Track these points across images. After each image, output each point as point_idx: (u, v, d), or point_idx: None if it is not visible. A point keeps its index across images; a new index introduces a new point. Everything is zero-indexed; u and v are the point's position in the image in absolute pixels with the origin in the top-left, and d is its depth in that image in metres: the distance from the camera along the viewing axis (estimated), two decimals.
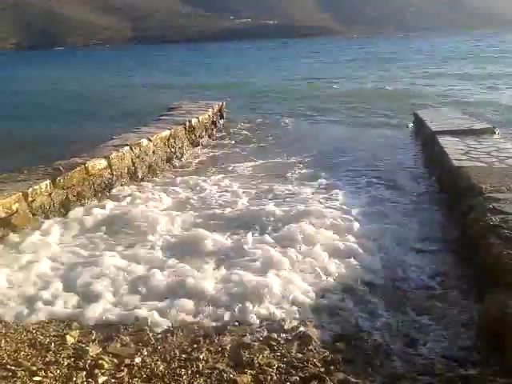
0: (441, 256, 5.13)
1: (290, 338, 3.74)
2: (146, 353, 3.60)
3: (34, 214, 6.14)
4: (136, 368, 3.41)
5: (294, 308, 4.09)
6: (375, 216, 6.19)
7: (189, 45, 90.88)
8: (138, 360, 3.50)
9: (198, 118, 11.34)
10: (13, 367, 3.42)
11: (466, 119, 10.33)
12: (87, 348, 3.65)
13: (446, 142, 8.09)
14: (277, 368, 3.36)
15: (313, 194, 7.26)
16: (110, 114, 15.82)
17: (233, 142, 11.65)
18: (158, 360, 3.50)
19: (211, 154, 10.50)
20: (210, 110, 12.53)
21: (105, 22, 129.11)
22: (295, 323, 3.91)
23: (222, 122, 13.35)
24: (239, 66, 38.66)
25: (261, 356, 3.49)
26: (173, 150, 9.78)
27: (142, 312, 4.08)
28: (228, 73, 31.98)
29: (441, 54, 41.54)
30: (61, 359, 3.52)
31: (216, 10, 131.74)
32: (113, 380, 3.30)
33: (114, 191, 7.52)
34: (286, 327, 3.86)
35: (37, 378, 3.31)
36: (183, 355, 3.55)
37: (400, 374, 3.28)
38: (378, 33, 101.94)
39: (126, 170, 8.06)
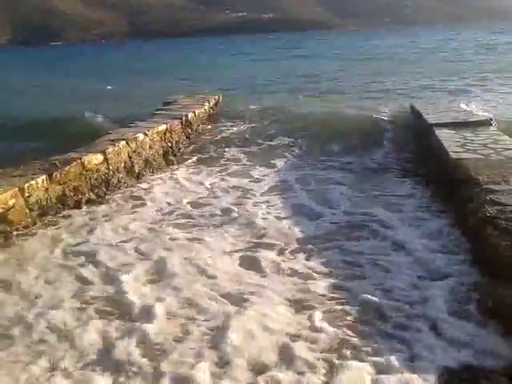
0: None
1: None
2: None
3: (30, 210, 6.13)
4: None
5: None
6: None
7: (181, 39, 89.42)
8: None
9: (194, 112, 11.31)
10: None
11: (463, 111, 10.34)
12: None
13: (442, 134, 8.09)
14: None
15: None
16: None
17: None
18: None
19: None
20: (207, 103, 12.50)
21: (100, 16, 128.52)
22: None
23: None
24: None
25: None
26: (169, 144, 9.75)
27: None
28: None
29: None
30: None
31: (212, 4, 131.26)
32: None
33: None
34: None
35: None
36: None
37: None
38: (374, 26, 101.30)
39: (122, 165, 8.03)
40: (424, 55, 30.82)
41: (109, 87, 20.07)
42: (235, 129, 11.36)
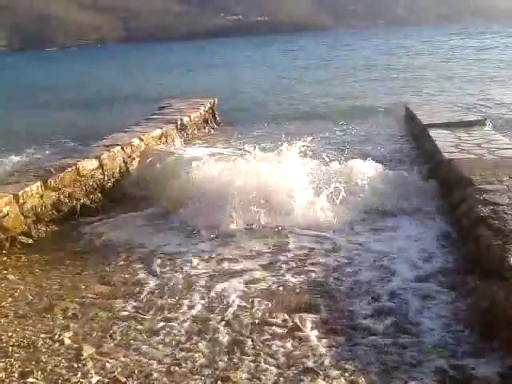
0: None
1: None
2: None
3: (25, 217, 6.11)
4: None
5: None
6: None
7: (175, 43, 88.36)
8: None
9: (189, 116, 11.32)
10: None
11: (457, 112, 10.38)
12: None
13: (436, 134, 8.12)
14: None
15: None
16: None
17: None
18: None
19: None
20: (202, 107, 12.50)
21: (96, 21, 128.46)
22: None
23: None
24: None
25: None
26: None
27: None
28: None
29: None
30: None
31: (207, 7, 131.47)
32: (106, 380, 3.31)
33: None
34: None
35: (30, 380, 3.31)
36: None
37: (391, 367, 3.30)
38: (368, 27, 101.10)
39: (117, 170, 8.02)
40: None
41: None
42: None
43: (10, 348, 3.69)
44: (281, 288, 4.47)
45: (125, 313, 4.19)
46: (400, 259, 4.89)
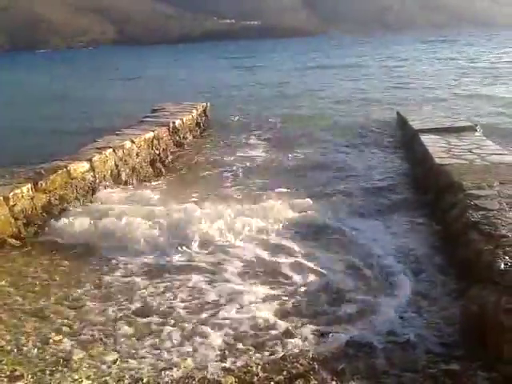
0: None
1: None
2: None
3: (15, 219, 6.06)
4: None
5: None
6: None
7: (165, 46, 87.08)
8: None
9: (181, 119, 11.29)
10: None
11: (448, 117, 10.45)
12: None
13: (427, 139, 8.17)
14: None
15: None
16: None
17: None
18: None
19: None
20: (194, 111, 12.48)
21: (88, 23, 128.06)
22: None
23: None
24: None
25: None
26: (157, 151, 9.72)
27: None
28: None
29: None
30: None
31: (200, 11, 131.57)
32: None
33: None
34: None
35: None
36: None
37: (383, 370, 3.30)
38: (358, 32, 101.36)
39: (109, 173, 7.98)
40: None
41: None
42: None
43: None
44: None
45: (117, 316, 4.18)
46: None
